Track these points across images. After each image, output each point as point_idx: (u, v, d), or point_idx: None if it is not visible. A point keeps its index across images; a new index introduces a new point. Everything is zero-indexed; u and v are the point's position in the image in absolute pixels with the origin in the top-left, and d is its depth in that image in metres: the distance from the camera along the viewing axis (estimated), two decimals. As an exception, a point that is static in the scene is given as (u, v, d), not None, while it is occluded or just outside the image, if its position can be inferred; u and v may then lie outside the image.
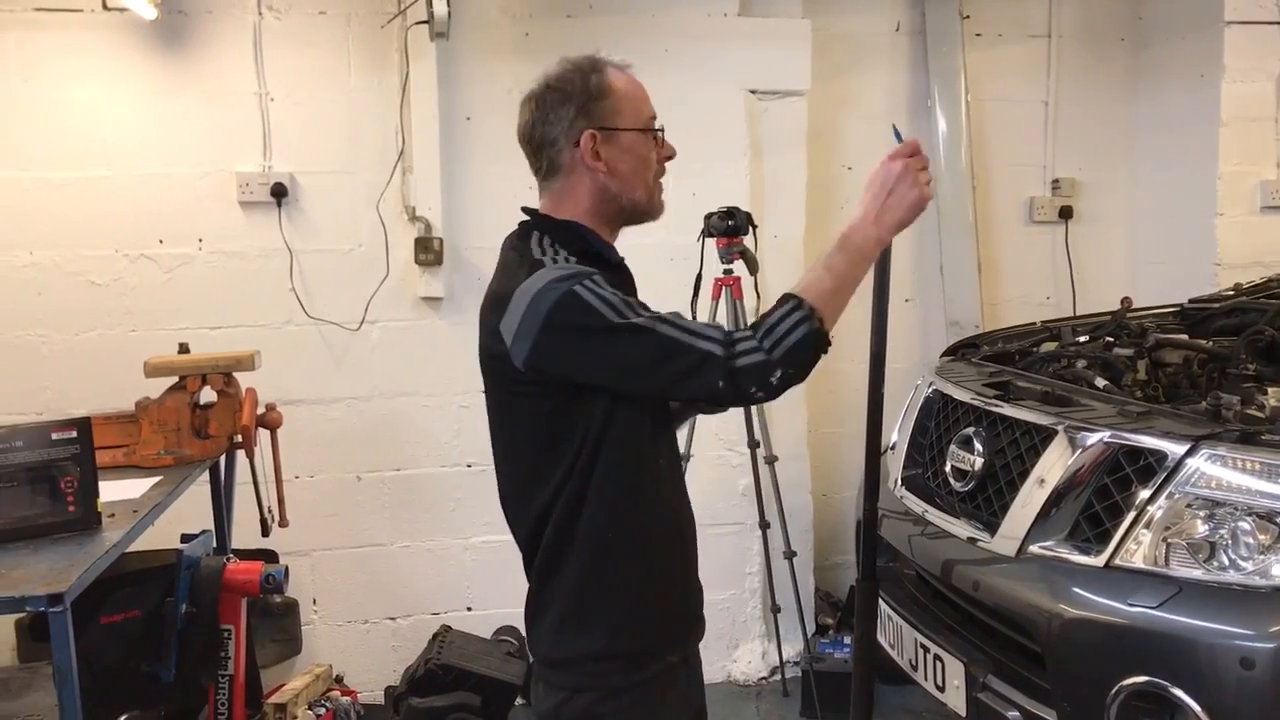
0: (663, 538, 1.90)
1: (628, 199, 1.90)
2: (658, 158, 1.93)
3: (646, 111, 1.91)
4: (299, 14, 4.02)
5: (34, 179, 3.90)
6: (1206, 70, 4.52)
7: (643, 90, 1.93)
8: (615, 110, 1.88)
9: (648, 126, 1.91)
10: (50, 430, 2.46)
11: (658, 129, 1.92)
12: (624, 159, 1.88)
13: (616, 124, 1.88)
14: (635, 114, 1.90)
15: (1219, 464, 2.33)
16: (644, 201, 1.92)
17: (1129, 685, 2.23)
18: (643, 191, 1.91)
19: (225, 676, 2.89)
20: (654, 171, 1.92)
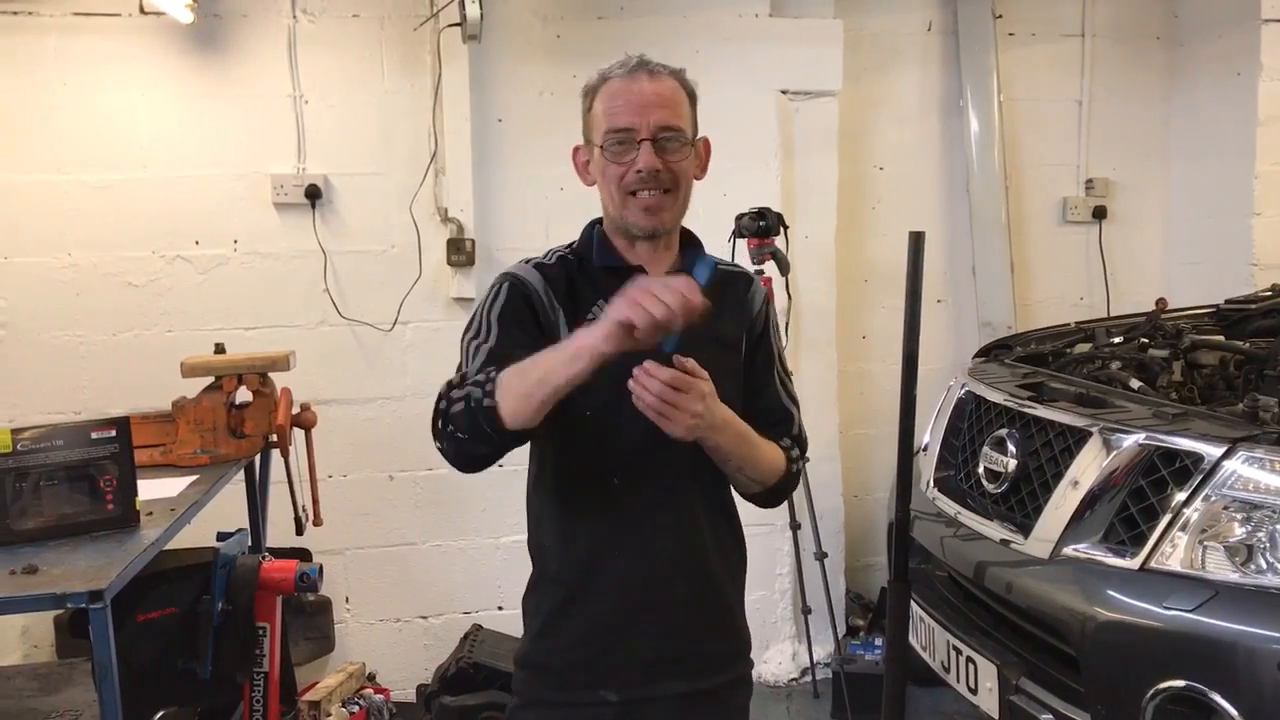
0: (590, 560, 1.84)
1: (609, 211, 1.89)
2: (621, 172, 1.81)
3: (608, 125, 1.82)
4: (333, 17, 4.05)
5: (72, 181, 3.95)
6: (1243, 68, 4.47)
7: (623, 98, 1.83)
8: (592, 125, 1.88)
9: (602, 141, 1.82)
10: (90, 430, 2.49)
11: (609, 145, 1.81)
12: (596, 173, 1.88)
13: (591, 139, 1.88)
14: (598, 131, 1.85)
15: (1256, 466, 2.31)
16: (615, 214, 1.85)
17: (1165, 689, 2.22)
18: (611, 203, 1.85)
19: (260, 674, 2.92)
20: (616, 184, 1.82)
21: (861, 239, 4.68)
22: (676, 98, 1.87)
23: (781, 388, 1.99)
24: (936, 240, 4.68)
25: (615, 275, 1.82)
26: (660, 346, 1.59)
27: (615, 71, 1.86)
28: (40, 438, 2.44)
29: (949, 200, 4.79)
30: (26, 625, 3.98)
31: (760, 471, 1.87)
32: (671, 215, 1.86)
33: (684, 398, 1.63)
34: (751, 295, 1.98)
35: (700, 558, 1.87)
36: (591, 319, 1.75)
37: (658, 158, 1.80)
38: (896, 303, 2.47)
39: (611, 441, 1.80)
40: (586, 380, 1.62)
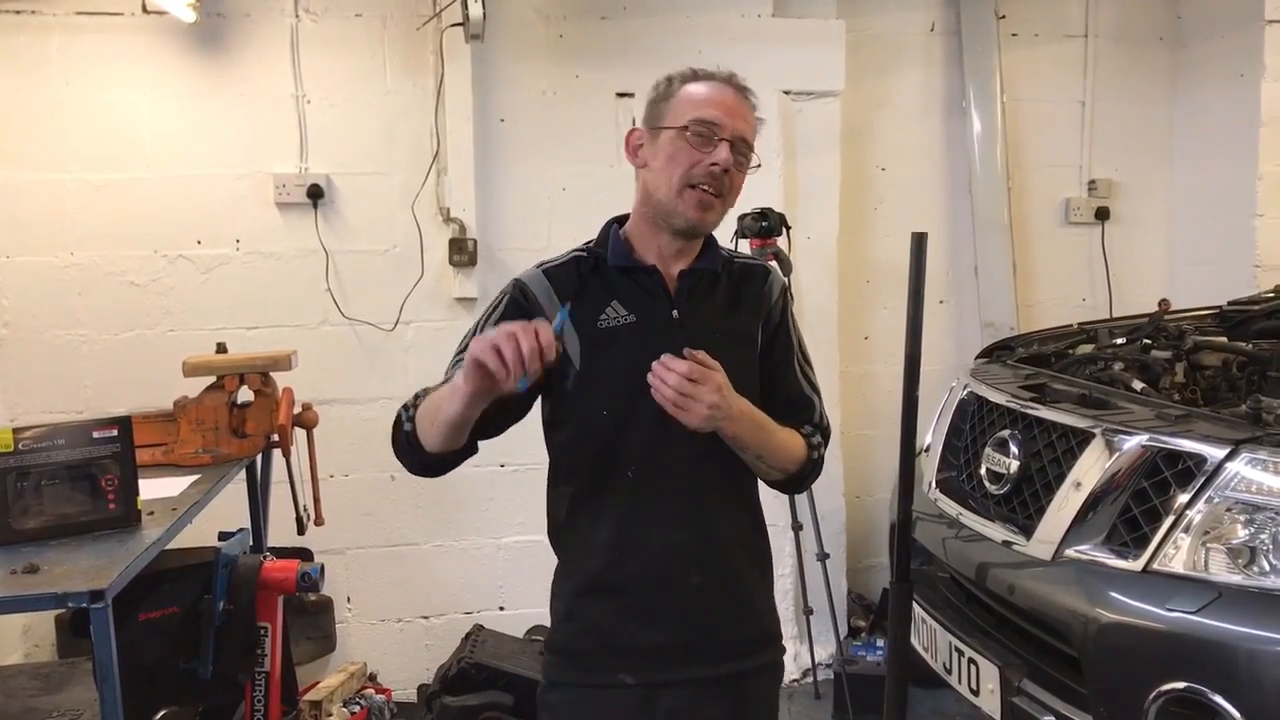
0: (606, 550, 1.88)
1: (656, 197, 1.89)
2: (694, 160, 1.84)
3: (697, 113, 1.85)
4: (335, 17, 4.05)
5: (75, 180, 3.95)
6: (1246, 69, 4.47)
7: (714, 96, 1.87)
8: (669, 111, 1.89)
9: (687, 127, 1.85)
10: (91, 429, 2.49)
11: (694, 130, 1.84)
12: (657, 155, 1.89)
13: (662, 123, 1.89)
14: (682, 114, 1.87)
15: (1259, 468, 2.31)
16: (666, 200, 1.87)
17: (1167, 691, 2.21)
18: (665, 189, 1.87)
19: (261, 673, 2.92)
20: (683, 171, 1.84)
21: (864, 240, 4.68)
22: (755, 123, 1.93)
23: (802, 376, 2.04)
24: (939, 241, 4.68)
25: (629, 275, 1.90)
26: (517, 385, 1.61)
27: (707, 74, 1.92)
28: (42, 437, 2.44)
29: (951, 201, 4.79)
30: (28, 624, 3.99)
31: (780, 459, 1.93)
32: (716, 218, 1.90)
33: (699, 389, 1.70)
34: (769, 287, 2.02)
35: (714, 548, 1.91)
36: (604, 320, 1.85)
37: (732, 160, 1.85)
38: (899, 303, 2.47)
39: (626, 437, 1.85)
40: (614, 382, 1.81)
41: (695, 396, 1.70)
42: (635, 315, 1.88)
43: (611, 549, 1.88)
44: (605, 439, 1.86)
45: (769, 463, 1.91)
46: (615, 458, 1.86)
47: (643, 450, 1.85)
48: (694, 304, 1.92)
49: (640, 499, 1.87)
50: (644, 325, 1.87)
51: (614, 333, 1.87)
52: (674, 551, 1.87)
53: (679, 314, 1.90)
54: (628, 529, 1.87)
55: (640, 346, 1.80)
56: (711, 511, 1.91)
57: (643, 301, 1.89)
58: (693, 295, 1.92)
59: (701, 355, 1.73)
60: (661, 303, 1.90)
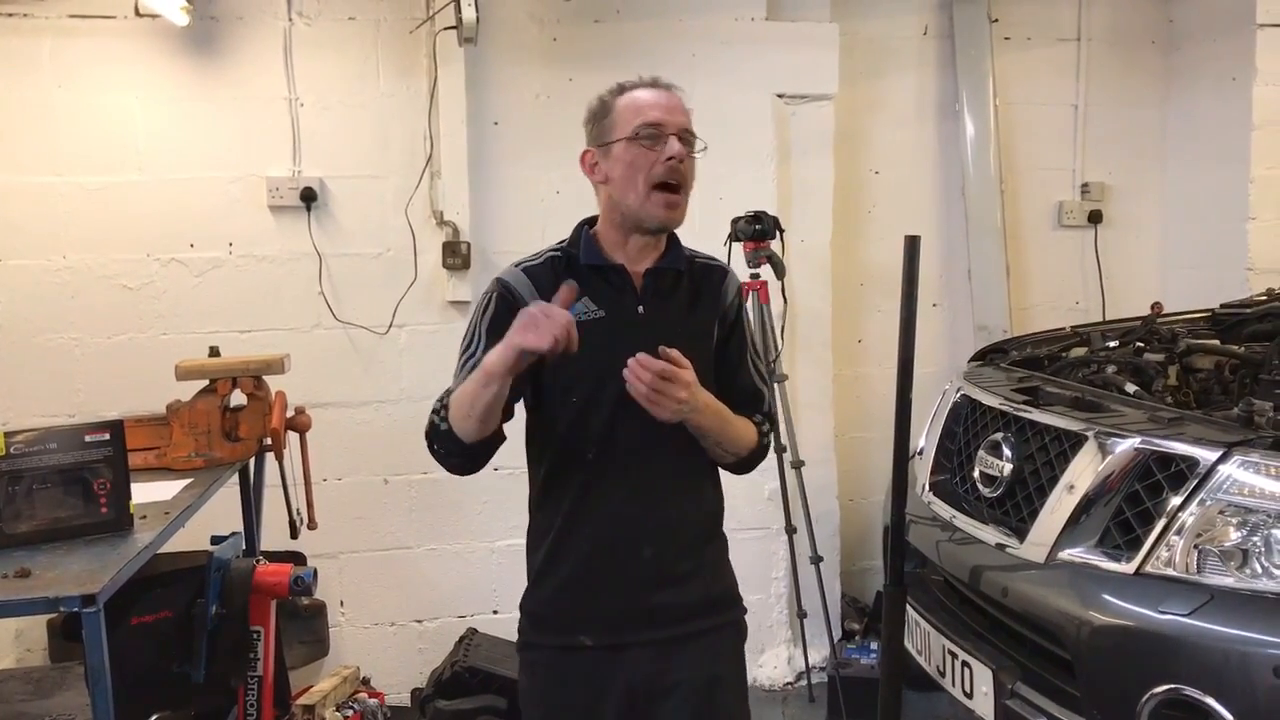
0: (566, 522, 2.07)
1: (624, 205, 2.04)
2: (652, 160, 2.00)
3: (641, 119, 2.01)
4: (329, 20, 4.05)
5: (68, 183, 3.94)
6: (1238, 73, 4.48)
7: (650, 100, 2.03)
8: (613, 125, 2.05)
9: (636, 133, 2.00)
10: (83, 433, 2.48)
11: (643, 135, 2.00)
12: (615, 167, 2.04)
13: (611, 138, 2.05)
14: (627, 124, 2.02)
15: (1252, 471, 2.32)
16: (635, 205, 2.02)
17: (1160, 693, 2.22)
18: (633, 195, 2.01)
19: (254, 677, 2.91)
20: (646, 174, 2.00)
21: (857, 243, 4.68)
22: (689, 114, 2.09)
23: (754, 369, 2.21)
24: (932, 244, 4.68)
25: (599, 273, 2.07)
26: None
27: (635, 82, 2.09)
28: (34, 441, 2.43)
29: (944, 204, 4.80)
30: (20, 629, 3.97)
31: (735, 445, 2.10)
32: (683, 212, 2.06)
33: (671, 386, 1.88)
34: (726, 287, 2.18)
35: (667, 523, 2.06)
36: (577, 316, 1.94)
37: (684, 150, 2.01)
38: (892, 306, 2.47)
39: (590, 421, 2.02)
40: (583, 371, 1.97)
41: (667, 393, 1.88)
42: (604, 310, 2.03)
43: (570, 521, 2.06)
44: (572, 423, 2.03)
45: (725, 449, 2.08)
46: (579, 439, 2.03)
47: (603, 433, 2.02)
48: (658, 301, 2.07)
49: (599, 477, 2.03)
50: (612, 320, 2.03)
51: (584, 326, 1.96)
52: (628, 525, 2.03)
53: (644, 310, 2.06)
54: (586, 503, 2.05)
55: (608, 340, 1.97)
56: (665, 490, 2.07)
57: (611, 298, 2.05)
58: (657, 292, 2.08)
59: (675, 355, 1.89)
60: (628, 299, 2.06)
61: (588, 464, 2.04)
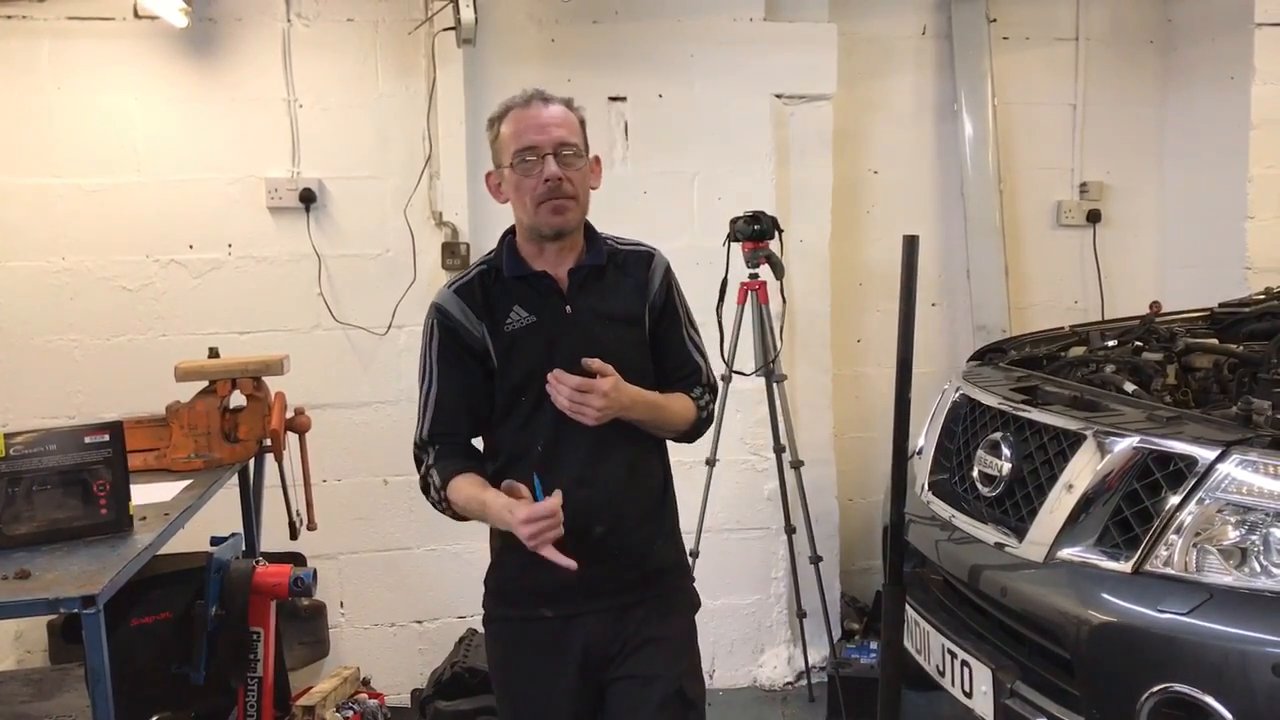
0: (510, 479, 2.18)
1: (523, 222, 2.22)
2: (531, 185, 2.14)
3: (516, 145, 2.16)
4: (327, 21, 4.05)
5: (67, 185, 3.95)
6: (1236, 72, 4.49)
7: (525, 122, 2.17)
8: (501, 150, 2.21)
9: (512, 161, 2.16)
10: (83, 434, 2.49)
11: (521, 161, 2.14)
12: (509, 190, 2.22)
13: (501, 162, 2.22)
14: (507, 153, 2.18)
15: (1250, 469, 2.32)
16: (530, 221, 2.18)
17: (1159, 692, 2.22)
18: (525, 214, 2.18)
19: (254, 678, 2.91)
20: (528, 197, 2.15)
21: (856, 242, 4.69)
22: (570, 120, 2.22)
23: (690, 343, 2.35)
24: (931, 244, 4.68)
25: (524, 282, 2.22)
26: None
27: (515, 102, 2.23)
28: (33, 442, 2.44)
29: (943, 204, 4.80)
30: (20, 630, 3.97)
31: (673, 424, 2.28)
32: (574, 215, 2.19)
33: (588, 397, 2.07)
34: (652, 270, 2.31)
35: (614, 504, 2.21)
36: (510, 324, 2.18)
37: (560, 169, 2.15)
38: (891, 306, 2.47)
39: (537, 419, 2.18)
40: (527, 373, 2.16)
41: (585, 403, 2.07)
42: (535, 315, 2.20)
43: None
44: (521, 421, 2.20)
45: (664, 431, 2.28)
46: (529, 435, 2.19)
47: (550, 428, 2.17)
48: (584, 297, 2.22)
49: (548, 467, 2.16)
50: (543, 322, 2.19)
51: (519, 333, 2.19)
52: (580, 509, 2.12)
53: (571, 309, 2.21)
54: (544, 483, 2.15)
55: (543, 341, 2.17)
56: (610, 472, 2.20)
57: (539, 302, 2.21)
58: (582, 289, 2.23)
59: (595, 364, 2.09)
60: (555, 300, 2.21)
61: (538, 456, 2.18)
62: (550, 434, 2.18)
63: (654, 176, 4.20)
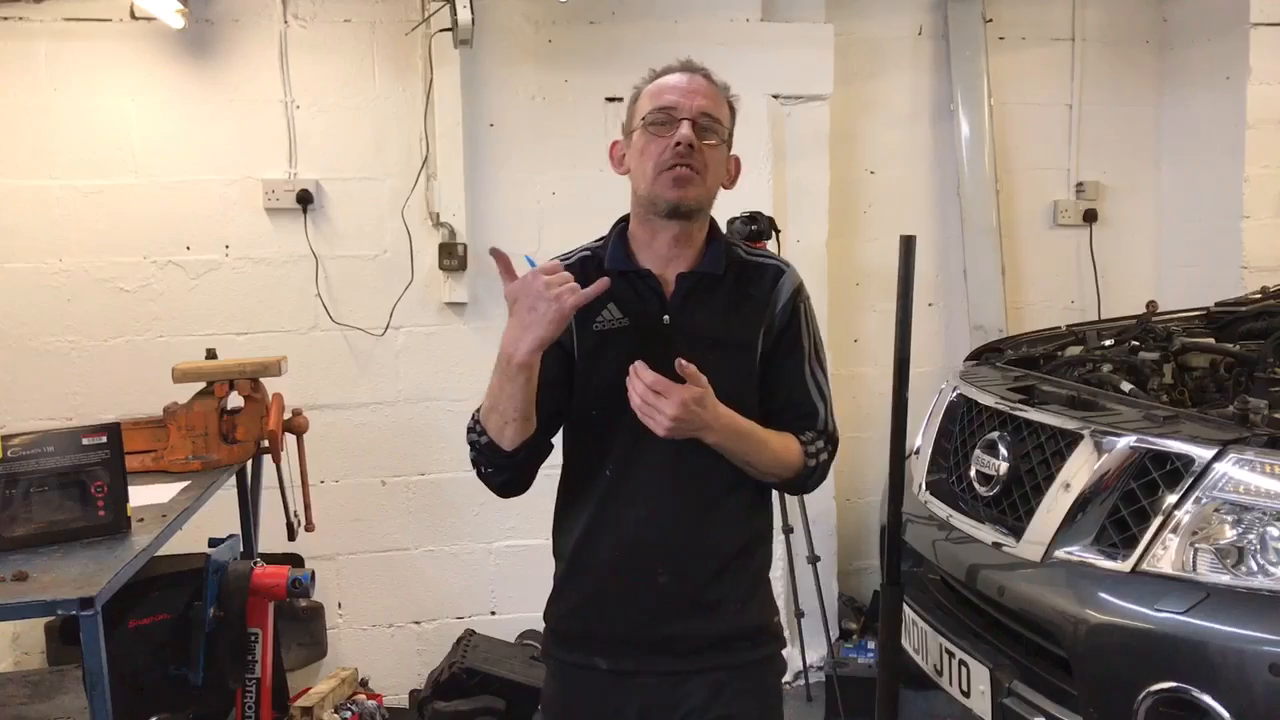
0: (581, 539, 1.96)
1: (639, 193, 1.95)
2: (660, 147, 1.89)
3: (655, 104, 1.92)
4: (324, 22, 4.05)
5: (63, 186, 3.95)
6: (1232, 72, 4.49)
7: (668, 84, 1.93)
8: (636, 112, 1.97)
9: (647, 119, 1.92)
10: (81, 435, 2.48)
11: (654, 120, 1.90)
12: (632, 156, 1.96)
13: (632, 126, 1.97)
14: (644, 109, 1.94)
15: (1247, 468, 2.32)
16: (646, 191, 1.91)
17: (1156, 691, 2.22)
18: (643, 181, 1.92)
19: (252, 679, 2.91)
20: (655, 161, 1.89)
21: (853, 243, 4.69)
22: (719, 99, 1.96)
23: (812, 380, 2.02)
24: (927, 244, 4.69)
25: (625, 279, 1.94)
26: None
27: (665, 68, 1.98)
28: (31, 444, 2.43)
29: (940, 204, 4.80)
30: (18, 632, 3.97)
31: (769, 468, 1.93)
32: (697, 192, 1.90)
33: (661, 401, 1.75)
34: (778, 290, 2.01)
35: (686, 551, 1.93)
36: (600, 323, 1.90)
37: (695, 137, 1.88)
38: (888, 306, 2.48)
39: (610, 436, 1.91)
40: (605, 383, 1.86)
41: (657, 407, 1.75)
42: (628, 319, 1.92)
43: (587, 538, 1.96)
44: (592, 436, 1.93)
45: (757, 470, 1.93)
46: (599, 455, 1.93)
47: (622, 451, 1.91)
48: (688, 308, 1.94)
49: (615, 496, 1.93)
50: (635, 330, 1.91)
51: (607, 335, 1.91)
52: (641, 550, 1.92)
53: (670, 319, 1.93)
54: (602, 522, 1.94)
55: (630, 350, 1.84)
56: (687, 514, 1.92)
57: (636, 305, 1.93)
58: (688, 299, 1.94)
59: (690, 370, 1.76)
60: (654, 307, 1.93)
61: (605, 481, 1.93)
62: (623, 457, 1.91)
63: (651, 177, 4.19)
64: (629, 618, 1.94)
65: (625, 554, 1.92)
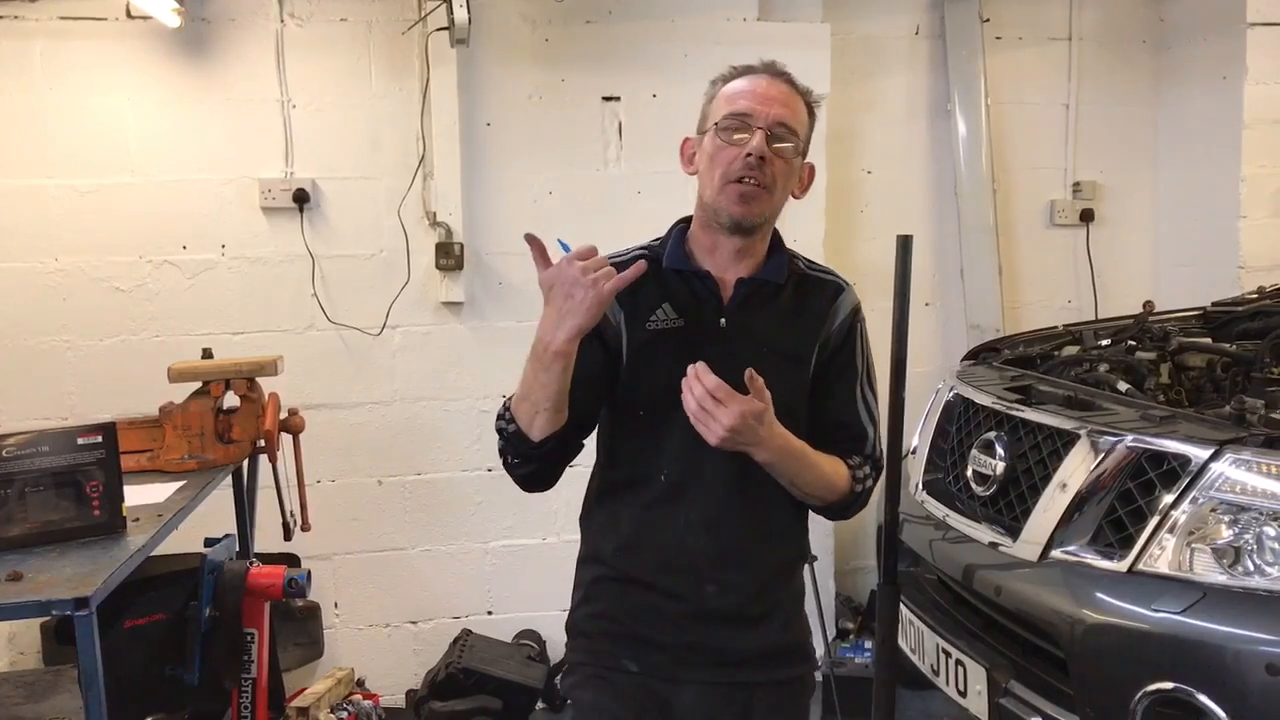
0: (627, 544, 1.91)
1: (704, 199, 1.90)
2: (731, 155, 1.84)
3: (729, 109, 1.86)
4: (321, 21, 4.04)
5: (60, 186, 3.94)
6: (1229, 72, 4.49)
7: (744, 88, 1.88)
8: (710, 114, 1.91)
9: (719, 124, 1.86)
10: (76, 435, 2.47)
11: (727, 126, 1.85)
12: (701, 159, 1.91)
13: (705, 127, 1.92)
14: (718, 113, 1.88)
15: (1243, 468, 2.32)
16: (711, 200, 1.87)
17: (1153, 691, 2.22)
18: (709, 189, 1.88)
19: (248, 680, 2.91)
20: (723, 170, 1.84)
21: (850, 242, 4.69)
22: (797, 105, 1.93)
23: (863, 403, 1.99)
24: (924, 243, 4.69)
25: (682, 278, 1.90)
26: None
27: (746, 67, 1.93)
28: (26, 444, 2.42)
29: (937, 203, 4.80)
30: (13, 632, 3.97)
31: (816, 489, 1.90)
32: (762, 209, 1.87)
33: (719, 410, 1.67)
34: (835, 307, 1.98)
35: (737, 562, 1.89)
36: (654, 322, 1.85)
37: (767, 148, 1.83)
38: (885, 305, 2.48)
39: (663, 440, 1.85)
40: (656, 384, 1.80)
41: (714, 415, 1.68)
42: (683, 320, 1.88)
43: (632, 544, 1.90)
44: (643, 439, 1.87)
45: (801, 490, 1.89)
46: (651, 458, 1.87)
47: (677, 456, 1.85)
48: (746, 314, 1.90)
49: (669, 502, 1.87)
50: (690, 331, 1.87)
51: (660, 335, 1.87)
52: (693, 559, 1.87)
53: (726, 323, 1.88)
54: (650, 528, 1.89)
55: (684, 352, 1.79)
56: (740, 526, 1.89)
57: (692, 307, 1.89)
58: (746, 305, 1.90)
59: (758, 384, 1.70)
60: (711, 309, 1.89)
61: (659, 486, 1.87)
62: (678, 463, 1.85)
63: (648, 176, 4.19)
64: (673, 626, 1.89)
65: (676, 562, 1.87)
